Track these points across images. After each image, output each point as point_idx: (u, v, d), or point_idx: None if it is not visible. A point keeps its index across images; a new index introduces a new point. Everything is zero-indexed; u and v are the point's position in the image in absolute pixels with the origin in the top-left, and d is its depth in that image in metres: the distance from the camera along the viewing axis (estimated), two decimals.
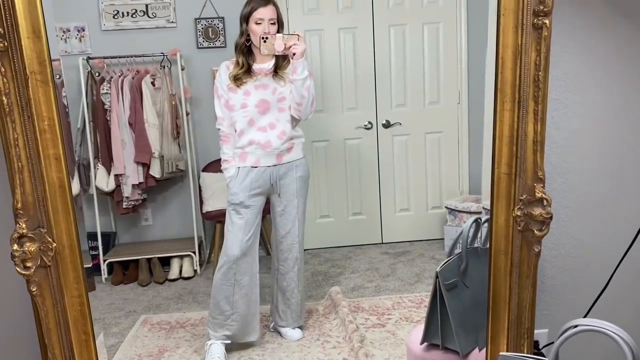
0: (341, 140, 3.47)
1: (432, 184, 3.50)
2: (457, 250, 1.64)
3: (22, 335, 1.38)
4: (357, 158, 3.49)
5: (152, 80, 3.16)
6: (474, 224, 1.61)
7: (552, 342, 1.09)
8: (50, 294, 1.22)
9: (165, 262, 3.27)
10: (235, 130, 2.35)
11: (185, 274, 3.22)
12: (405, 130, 3.43)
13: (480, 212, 2.38)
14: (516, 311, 1.33)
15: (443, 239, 3.32)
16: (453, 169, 3.48)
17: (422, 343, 1.59)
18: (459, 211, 3.22)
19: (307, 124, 2.51)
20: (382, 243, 3.54)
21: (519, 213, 1.28)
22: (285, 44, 2.17)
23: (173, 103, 3.21)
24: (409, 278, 3.04)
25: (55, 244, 1.21)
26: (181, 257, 3.28)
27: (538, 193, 1.26)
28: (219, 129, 2.38)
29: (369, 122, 3.41)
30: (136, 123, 3.10)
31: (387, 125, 3.41)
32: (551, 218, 1.26)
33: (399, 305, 2.73)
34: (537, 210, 1.27)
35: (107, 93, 3.06)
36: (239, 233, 2.35)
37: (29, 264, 1.19)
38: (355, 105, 3.43)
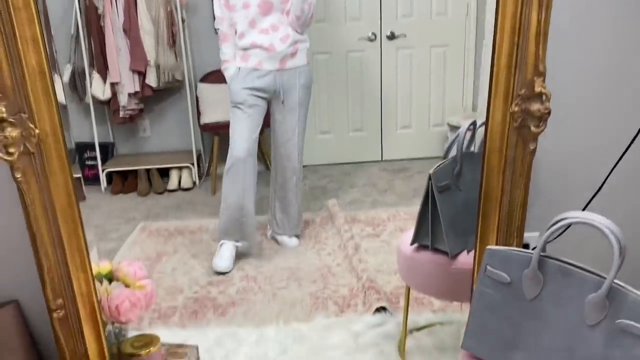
0: (343, 53, 3.35)
1: (435, 100, 3.41)
2: (453, 154, 1.61)
3: (11, 224, 1.40)
4: (359, 72, 3.38)
5: None
6: (472, 126, 1.57)
7: None
8: (35, 180, 1.21)
9: (164, 173, 3.27)
10: (236, 32, 2.27)
11: (184, 185, 3.23)
12: (410, 42, 3.30)
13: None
14: (507, 210, 1.31)
15: None
16: (457, 85, 3.38)
17: (412, 244, 1.60)
18: None
19: (308, 34, 2.41)
20: (382, 160, 3.51)
21: (516, 109, 1.23)
22: None
23: (168, 9, 3.08)
24: (406, 193, 3.04)
25: (38, 130, 1.19)
26: (180, 168, 3.28)
27: (537, 87, 1.20)
28: (218, 29, 2.30)
29: (373, 34, 3.28)
30: (131, 30, 2.99)
31: (391, 37, 3.28)
32: (549, 114, 1.21)
33: (394, 217, 2.75)
34: (535, 106, 1.21)
35: None
36: (244, 132, 2.30)
37: (11, 150, 1.17)
38: (359, 14, 3.29)
